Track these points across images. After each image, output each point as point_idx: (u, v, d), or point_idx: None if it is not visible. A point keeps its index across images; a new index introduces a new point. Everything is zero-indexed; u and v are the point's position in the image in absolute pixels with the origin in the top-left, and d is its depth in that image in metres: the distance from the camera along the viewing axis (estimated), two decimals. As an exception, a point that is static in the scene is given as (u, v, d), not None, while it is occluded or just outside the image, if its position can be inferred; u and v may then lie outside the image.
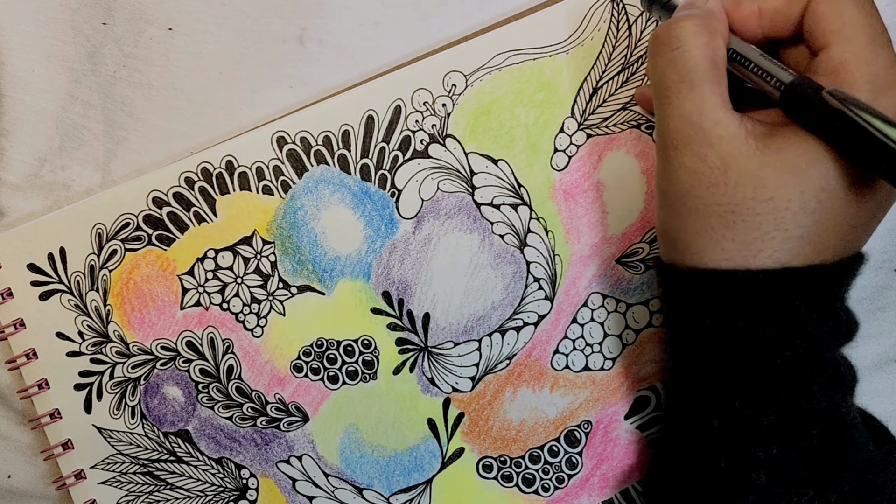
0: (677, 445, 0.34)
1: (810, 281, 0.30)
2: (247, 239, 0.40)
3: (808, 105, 0.29)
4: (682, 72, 0.31)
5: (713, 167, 0.30)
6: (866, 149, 0.27)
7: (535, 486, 0.42)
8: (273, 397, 0.41)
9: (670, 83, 0.31)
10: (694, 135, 0.30)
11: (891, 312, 0.42)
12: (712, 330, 0.31)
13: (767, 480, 0.30)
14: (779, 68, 0.31)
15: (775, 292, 0.30)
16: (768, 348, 0.30)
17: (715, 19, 0.32)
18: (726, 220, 0.30)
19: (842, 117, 0.28)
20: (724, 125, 0.30)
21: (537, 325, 0.41)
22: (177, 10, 0.40)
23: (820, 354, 0.30)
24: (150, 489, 0.41)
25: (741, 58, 0.32)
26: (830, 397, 0.30)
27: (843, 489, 0.30)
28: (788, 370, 0.30)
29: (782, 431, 0.30)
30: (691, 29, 0.31)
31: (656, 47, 0.32)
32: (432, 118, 0.40)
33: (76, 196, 0.41)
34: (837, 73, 0.29)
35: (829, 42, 0.30)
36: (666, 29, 0.32)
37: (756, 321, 0.30)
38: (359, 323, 0.41)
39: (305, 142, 0.40)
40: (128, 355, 0.41)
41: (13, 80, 0.41)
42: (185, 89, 0.41)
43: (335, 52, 0.41)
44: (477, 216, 0.40)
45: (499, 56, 0.40)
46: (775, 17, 0.32)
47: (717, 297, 0.30)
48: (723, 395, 0.31)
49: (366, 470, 0.42)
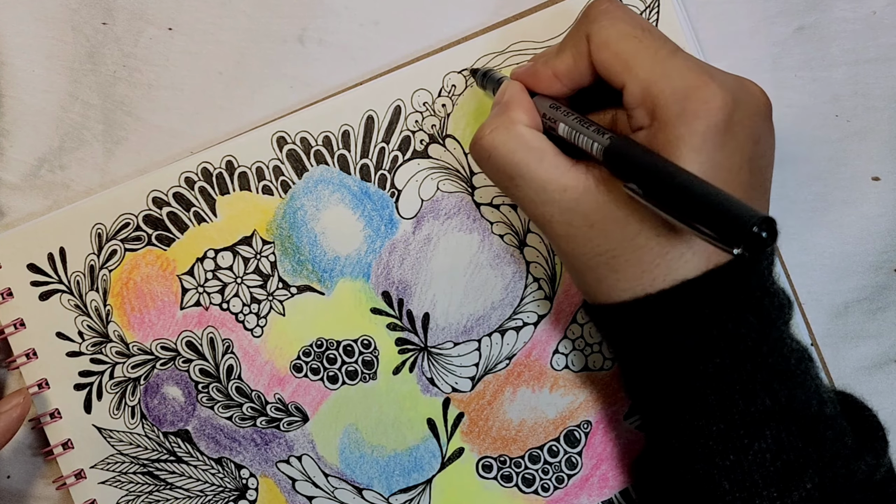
0: (653, 461, 0.36)
1: (711, 286, 0.30)
2: (247, 239, 0.40)
3: (627, 171, 0.29)
4: (507, 170, 0.33)
5: (579, 226, 0.31)
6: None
7: (535, 486, 0.42)
8: (273, 397, 0.41)
9: (506, 182, 0.33)
10: (550, 210, 0.32)
11: (891, 312, 0.42)
12: (645, 355, 0.32)
13: (730, 487, 0.31)
14: (589, 136, 0.31)
15: (682, 306, 0.30)
16: (696, 360, 0.31)
17: (511, 110, 0.33)
18: (613, 267, 0.31)
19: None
20: (572, 188, 0.31)
21: (537, 325, 0.41)
22: (177, 10, 0.40)
23: (752, 351, 0.30)
24: (150, 489, 0.41)
25: (558, 130, 0.33)
26: (775, 394, 0.30)
27: (806, 486, 0.30)
28: (723, 375, 0.30)
29: (734, 437, 0.30)
30: (490, 135, 0.33)
31: (477, 162, 0.34)
32: (432, 118, 0.40)
33: (76, 196, 0.41)
34: (645, 102, 0.30)
35: (623, 80, 0.31)
36: (473, 145, 0.34)
37: (675, 338, 0.31)
38: (358, 323, 0.41)
39: (305, 142, 0.40)
40: (128, 355, 0.41)
41: (13, 80, 0.41)
42: (185, 89, 0.41)
43: (335, 52, 0.41)
44: (476, 216, 0.41)
45: (499, 56, 0.40)
46: (570, 75, 0.33)
47: (636, 324, 0.32)
48: (673, 412, 0.32)
49: (365, 470, 0.42)
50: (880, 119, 0.41)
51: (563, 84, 0.33)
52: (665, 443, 0.33)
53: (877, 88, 0.41)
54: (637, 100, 0.30)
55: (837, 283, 0.42)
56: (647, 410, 0.35)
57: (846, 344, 0.42)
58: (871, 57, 0.41)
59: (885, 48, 0.41)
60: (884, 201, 0.41)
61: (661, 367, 0.32)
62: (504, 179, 0.33)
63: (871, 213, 0.41)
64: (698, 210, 0.26)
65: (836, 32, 0.41)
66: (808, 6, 0.41)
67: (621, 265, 0.31)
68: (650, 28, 0.31)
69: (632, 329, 0.32)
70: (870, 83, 0.41)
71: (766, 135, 0.32)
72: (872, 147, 0.41)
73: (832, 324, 0.42)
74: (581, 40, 0.32)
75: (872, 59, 0.41)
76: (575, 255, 0.32)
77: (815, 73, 0.41)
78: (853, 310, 0.42)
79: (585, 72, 0.32)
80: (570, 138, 0.32)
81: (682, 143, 0.29)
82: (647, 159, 0.29)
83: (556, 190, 0.31)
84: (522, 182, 0.32)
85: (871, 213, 0.41)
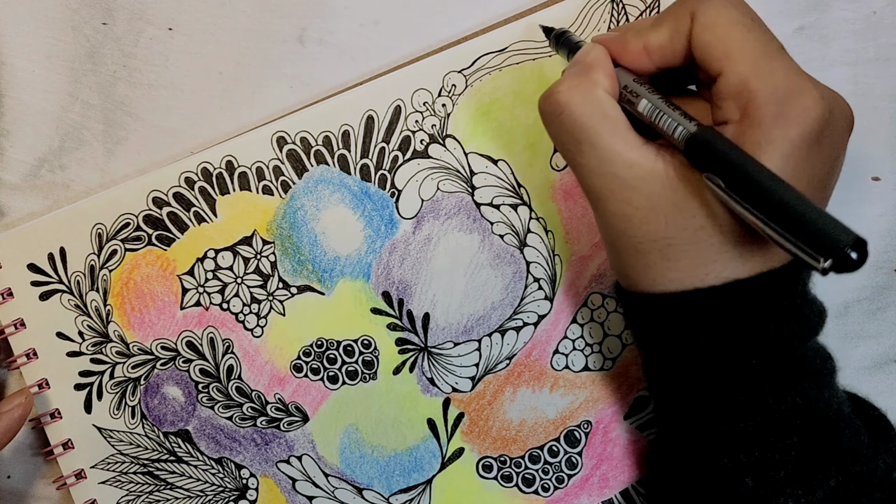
0: (669, 454, 0.35)
1: (762, 289, 0.30)
2: (247, 239, 0.40)
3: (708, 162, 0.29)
4: (576, 133, 0.31)
5: (639, 207, 0.30)
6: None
7: (535, 486, 0.42)
8: (273, 397, 0.41)
9: (570, 146, 0.31)
10: (611, 185, 0.30)
11: (891, 312, 0.42)
12: (677, 348, 0.32)
13: (754, 484, 0.30)
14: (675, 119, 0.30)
15: (730, 305, 0.30)
16: (733, 358, 0.30)
17: (593, 72, 0.32)
18: (667, 254, 0.30)
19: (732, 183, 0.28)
20: (640, 166, 0.30)
21: (537, 325, 0.41)
22: (177, 10, 0.40)
23: (788, 354, 0.30)
24: (150, 489, 0.41)
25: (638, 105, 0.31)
26: (805, 393, 0.30)
27: (830, 484, 0.30)
28: (757, 375, 0.30)
29: (761, 434, 0.30)
30: (569, 92, 0.31)
31: (544, 118, 0.32)
32: (432, 118, 0.40)
33: (76, 196, 0.41)
34: (740, 95, 0.29)
35: (721, 68, 0.29)
36: (545, 99, 0.32)
37: (716, 335, 0.30)
38: (359, 323, 0.41)
39: (305, 142, 0.40)
40: (128, 355, 0.41)
41: (13, 80, 0.41)
42: (185, 89, 0.41)
43: (335, 52, 0.41)
44: (477, 216, 0.41)
45: (499, 56, 0.40)
46: (662, 53, 0.32)
47: (676, 317, 0.31)
48: (700, 406, 0.32)
49: (366, 470, 0.42)
50: (880, 119, 0.41)
51: (651, 60, 0.32)
52: (686, 436, 0.33)
53: (877, 88, 0.41)
54: (732, 91, 0.29)
55: (837, 282, 0.42)
56: (669, 402, 0.34)
57: (846, 344, 0.42)
58: (871, 57, 0.41)
59: (885, 48, 0.41)
60: (884, 201, 0.41)
61: (693, 361, 0.31)
62: (569, 142, 0.31)
63: (871, 213, 0.41)
64: (788, 219, 0.26)
65: (836, 32, 0.41)
66: (808, 6, 0.41)
67: (676, 255, 0.30)
68: (760, 20, 0.30)
69: (669, 320, 0.31)
70: (870, 83, 0.41)
71: (843, 153, 0.31)
72: (872, 147, 0.41)
73: (832, 324, 0.42)
74: (683, 18, 0.30)
75: (872, 59, 0.41)
76: (627, 236, 0.31)
77: (815, 73, 0.41)
78: (853, 310, 0.42)
79: (680, 52, 0.31)
80: (650, 117, 0.31)
81: (772, 146, 0.28)
82: (736, 156, 0.28)
83: (623, 165, 0.30)
84: (589, 149, 0.31)
85: (871, 213, 0.41)
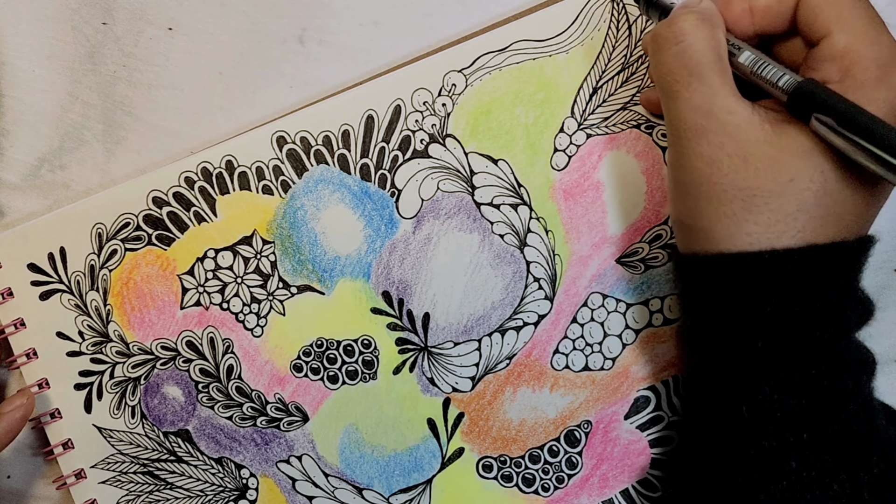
0: (698, 440, 0.34)
1: (835, 258, 0.30)
2: (247, 239, 0.40)
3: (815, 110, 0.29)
4: (690, 64, 0.31)
5: (732, 155, 0.30)
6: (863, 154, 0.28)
7: (535, 485, 0.42)
8: (273, 397, 0.41)
9: (678, 77, 0.31)
10: (708, 125, 0.31)
11: (891, 312, 0.42)
12: (740, 314, 0.31)
13: (797, 466, 0.30)
14: (780, 69, 0.31)
15: (802, 272, 0.30)
16: (798, 330, 0.30)
17: (716, 14, 0.32)
18: (749, 205, 0.30)
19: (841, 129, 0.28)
20: (738, 113, 0.30)
21: (537, 325, 0.41)
22: (177, 10, 0.40)
23: (846, 335, 0.31)
24: (150, 489, 0.41)
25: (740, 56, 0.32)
26: (857, 379, 0.30)
27: (873, 471, 0.30)
28: (818, 352, 0.30)
29: (813, 415, 0.30)
30: (693, 22, 0.31)
31: (659, 43, 0.32)
32: (432, 118, 0.40)
33: (76, 196, 0.41)
34: (844, 58, 0.30)
35: (830, 30, 0.30)
36: (667, 25, 0.32)
37: (785, 302, 0.30)
38: (359, 323, 0.41)
39: (305, 142, 0.40)
40: (128, 355, 0.41)
41: (13, 80, 0.41)
42: (185, 89, 0.41)
43: (335, 52, 0.41)
44: (477, 216, 0.41)
45: (498, 56, 0.40)
46: (767, 13, 0.32)
47: (745, 280, 0.30)
48: (752, 381, 0.31)
49: (366, 470, 0.42)
50: (881, 119, 0.41)
51: (752, 23, 0.32)
52: (725, 416, 0.32)
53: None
54: (837, 52, 0.30)
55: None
56: (713, 377, 0.33)
57: (846, 344, 0.42)
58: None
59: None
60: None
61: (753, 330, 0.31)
62: (680, 72, 0.31)
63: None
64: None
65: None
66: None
67: (759, 207, 0.30)
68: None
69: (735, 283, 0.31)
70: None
71: None
72: (873, 147, 0.41)
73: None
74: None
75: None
76: (711, 183, 0.31)
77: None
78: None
79: (786, 14, 0.32)
80: (751, 67, 0.31)
81: (872, 106, 0.29)
82: (842, 103, 0.29)
83: (723, 109, 0.30)
84: (698, 85, 0.31)
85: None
